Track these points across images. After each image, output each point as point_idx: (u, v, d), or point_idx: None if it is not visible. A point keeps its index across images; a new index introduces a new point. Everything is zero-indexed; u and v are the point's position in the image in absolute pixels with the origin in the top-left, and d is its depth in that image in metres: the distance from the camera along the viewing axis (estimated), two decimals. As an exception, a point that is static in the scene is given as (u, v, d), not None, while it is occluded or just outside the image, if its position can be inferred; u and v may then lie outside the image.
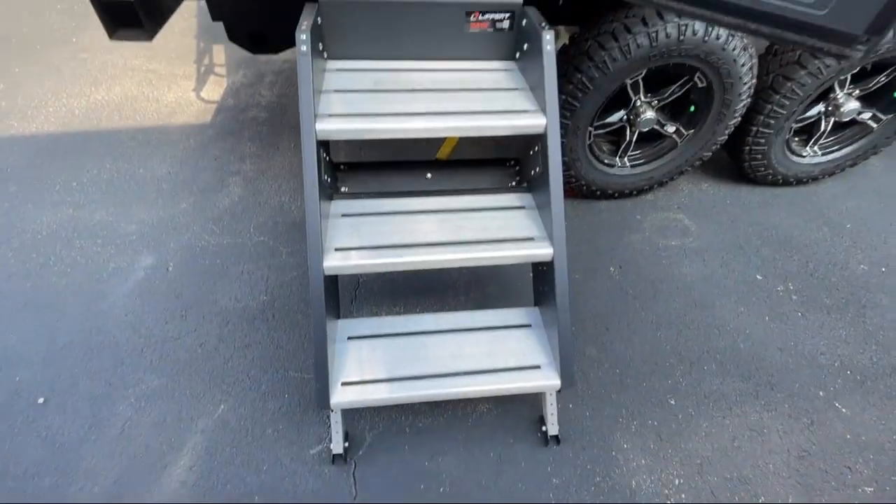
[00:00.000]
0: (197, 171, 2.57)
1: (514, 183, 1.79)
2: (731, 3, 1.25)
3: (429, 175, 1.75)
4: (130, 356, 1.82)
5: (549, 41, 1.44)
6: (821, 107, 2.29)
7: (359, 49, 1.66)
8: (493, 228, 1.51)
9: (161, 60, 3.36)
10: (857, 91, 2.23)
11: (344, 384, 1.41)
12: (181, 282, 2.06)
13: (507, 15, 1.62)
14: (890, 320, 2.03)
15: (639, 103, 2.12)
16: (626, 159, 2.34)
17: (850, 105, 2.22)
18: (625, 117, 2.18)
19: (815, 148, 2.45)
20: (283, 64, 3.36)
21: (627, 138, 2.24)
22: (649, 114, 2.12)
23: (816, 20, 1.17)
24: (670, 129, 2.23)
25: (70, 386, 1.72)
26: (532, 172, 1.62)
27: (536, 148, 1.56)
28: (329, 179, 1.56)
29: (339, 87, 1.55)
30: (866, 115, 2.32)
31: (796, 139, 2.44)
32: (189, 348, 1.85)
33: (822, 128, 2.35)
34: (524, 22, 1.60)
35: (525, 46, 1.62)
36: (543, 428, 1.59)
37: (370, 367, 1.44)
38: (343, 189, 1.73)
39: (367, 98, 1.51)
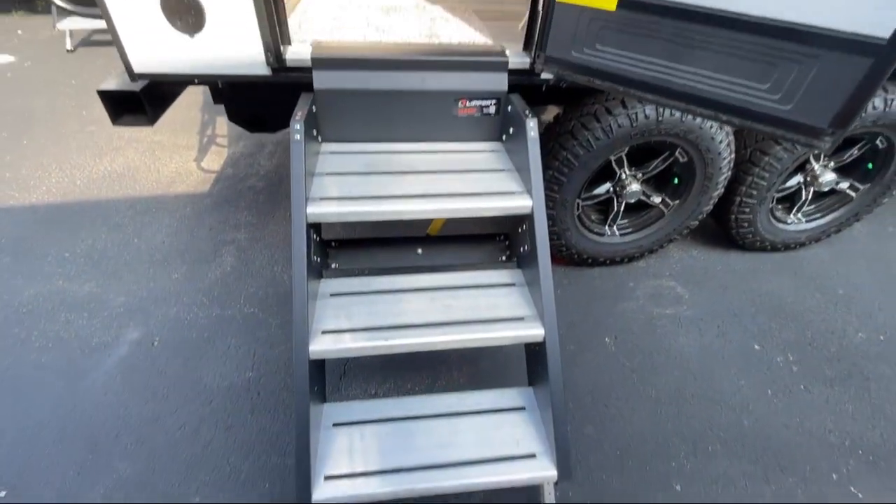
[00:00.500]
0: (191, 241, 2.59)
1: (503, 257, 1.80)
2: (703, 98, 1.32)
3: (419, 251, 1.76)
4: (106, 440, 1.72)
5: (533, 128, 1.51)
6: (800, 177, 2.37)
7: (352, 132, 1.73)
8: (482, 307, 1.49)
9: (165, 132, 3.50)
10: (833, 163, 2.32)
11: (328, 478, 1.32)
12: (166, 358, 2.00)
13: (494, 101, 1.71)
14: (895, 392, 1.97)
15: (624, 176, 2.19)
16: (615, 228, 2.38)
17: (827, 176, 2.30)
18: (611, 189, 2.24)
19: (799, 215, 2.51)
20: (283, 135, 3.50)
21: (615, 209, 2.29)
22: (634, 186, 2.18)
23: (783, 114, 1.23)
24: (656, 199, 2.28)
25: (37, 476, 1.61)
26: (521, 249, 1.63)
27: (524, 226, 1.58)
28: (318, 260, 1.56)
29: (332, 169, 1.60)
30: (844, 185, 2.39)
31: (780, 207, 2.50)
32: (168, 431, 1.76)
33: (804, 196, 2.42)
34: (509, 108, 1.69)
35: (511, 130, 1.70)
36: (542, 521, 1.48)
37: (357, 458, 1.36)
38: (333, 266, 1.73)
39: (358, 180, 1.55)
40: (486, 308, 1.49)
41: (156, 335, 2.10)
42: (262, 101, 1.97)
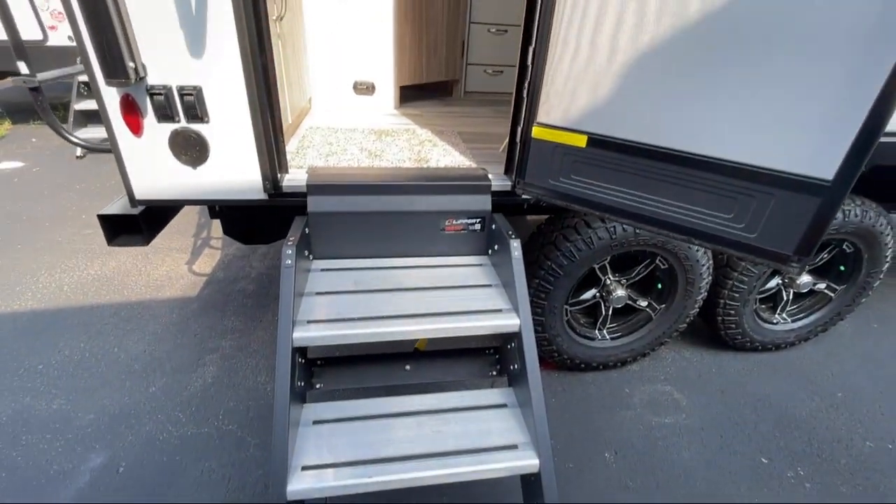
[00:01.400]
0: (174, 349, 2.52)
1: (494, 372, 1.76)
2: (674, 224, 1.40)
3: (407, 367, 1.73)
4: None
5: (517, 248, 1.57)
6: (778, 279, 2.45)
7: (343, 249, 1.78)
8: (474, 434, 1.42)
9: (160, 234, 3.56)
10: (807, 266, 2.42)
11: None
12: (131, 487, 1.83)
13: (479, 220, 1.81)
14: (917, 511, 1.84)
15: (609, 282, 2.24)
16: (605, 332, 2.38)
17: (804, 278, 2.38)
18: (597, 295, 2.28)
19: (784, 315, 2.55)
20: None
21: (603, 313, 2.31)
22: (620, 292, 2.23)
23: (750, 241, 1.30)
24: (643, 303, 2.32)
25: None
26: (511, 367, 1.61)
27: (513, 344, 1.57)
28: (302, 384, 1.52)
29: (322, 288, 1.62)
30: (822, 286, 2.47)
31: (764, 307, 2.55)
32: (121, 583, 1.55)
33: (785, 297, 2.48)
34: (493, 226, 1.78)
35: (496, 246, 1.77)
36: None
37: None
38: (318, 385, 1.67)
39: (347, 299, 1.56)
40: (478, 434, 1.42)
41: (122, 460, 1.94)
42: (258, 219, 2.05)
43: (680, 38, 1.25)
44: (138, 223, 1.72)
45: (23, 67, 1.45)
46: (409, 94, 3.31)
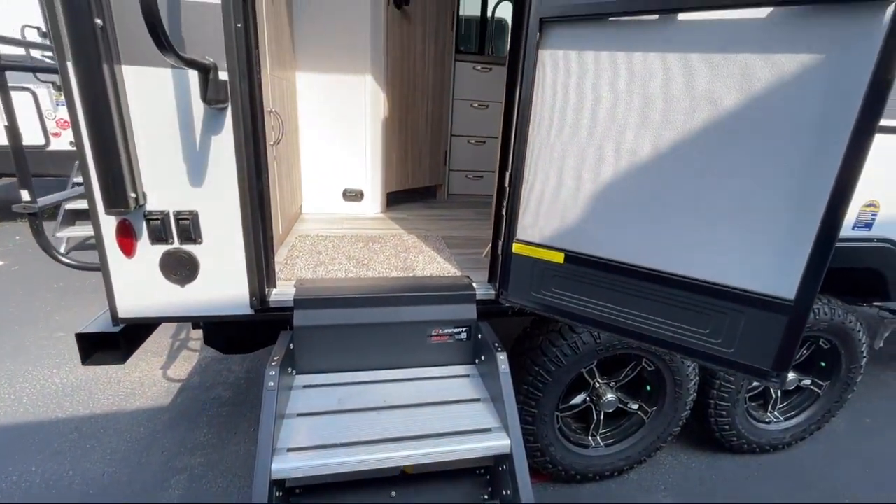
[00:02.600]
0: (137, 470, 2.31)
1: (485, 496, 1.65)
2: (656, 338, 1.44)
3: (393, 493, 1.61)
4: None
5: (504, 361, 1.57)
6: (763, 376, 2.46)
7: (328, 363, 1.75)
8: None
9: (137, 337, 3.45)
10: (789, 362, 2.45)
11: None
12: None
13: (465, 329, 1.82)
14: None
15: (598, 385, 2.22)
16: (598, 438, 2.29)
17: (789, 375, 2.39)
18: (587, 399, 2.24)
19: (776, 413, 2.52)
20: (258, 336, 3.51)
21: (595, 418, 2.25)
22: (610, 395, 2.19)
23: (728, 356, 1.34)
24: (634, 406, 2.27)
25: None
26: (504, 493, 1.52)
27: (505, 466, 1.50)
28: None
29: (304, 408, 1.56)
30: (808, 382, 2.48)
31: (754, 404, 2.52)
32: None
33: (774, 395, 2.47)
34: (480, 335, 1.79)
35: (483, 356, 1.76)
36: None
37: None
38: (295, 519, 1.53)
39: (330, 421, 1.50)
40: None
41: None
42: (240, 331, 2.03)
43: (639, 170, 1.39)
44: (117, 341, 1.67)
45: (25, 195, 1.51)
46: (396, 198, 3.50)
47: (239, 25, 1.36)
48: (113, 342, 1.69)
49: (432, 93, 3.49)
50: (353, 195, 3.06)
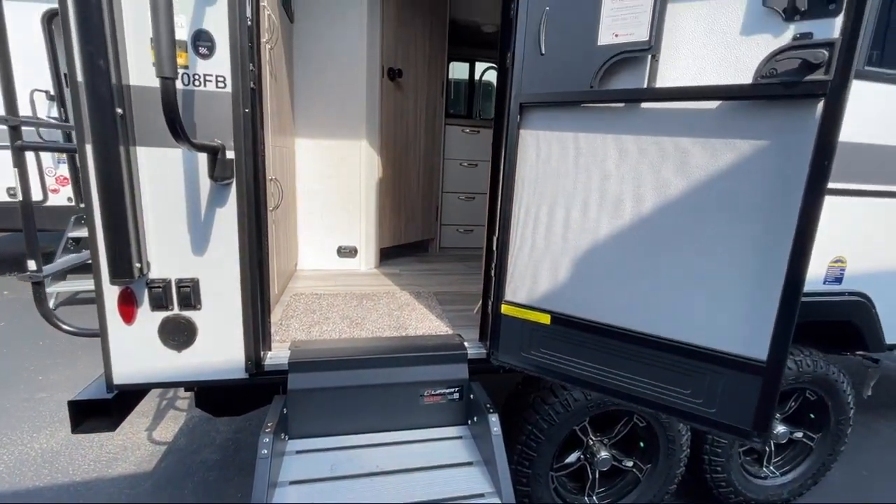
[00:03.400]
0: (115, 545, 2.20)
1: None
2: (641, 398, 1.48)
3: (386, 565, 1.56)
4: None
5: (496, 423, 1.59)
6: (755, 429, 2.47)
7: (320, 427, 1.75)
8: None
9: (123, 397, 3.38)
10: (779, 415, 2.48)
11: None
12: None
13: (457, 388, 1.85)
14: None
15: (591, 443, 2.21)
16: (595, 498, 2.25)
17: (779, 428, 2.41)
18: (581, 457, 2.23)
19: (771, 468, 2.51)
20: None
21: (590, 476, 2.22)
22: (604, 453, 2.18)
23: (711, 416, 1.39)
24: (628, 463, 2.26)
25: None
26: (498, 563, 1.49)
27: (499, 534, 1.49)
28: None
29: (296, 476, 1.55)
30: (799, 435, 2.49)
31: (749, 458, 2.51)
32: None
33: (766, 449, 2.47)
34: (472, 395, 1.81)
35: (475, 417, 1.78)
36: None
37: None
38: None
39: (323, 491, 1.49)
40: None
41: None
42: (233, 394, 2.02)
43: (617, 239, 1.50)
44: (109, 408, 1.67)
45: (32, 265, 1.57)
46: (389, 252, 3.60)
47: (247, 111, 1.50)
48: (104, 409, 1.69)
49: (424, 154, 3.69)
50: (348, 252, 3.15)
